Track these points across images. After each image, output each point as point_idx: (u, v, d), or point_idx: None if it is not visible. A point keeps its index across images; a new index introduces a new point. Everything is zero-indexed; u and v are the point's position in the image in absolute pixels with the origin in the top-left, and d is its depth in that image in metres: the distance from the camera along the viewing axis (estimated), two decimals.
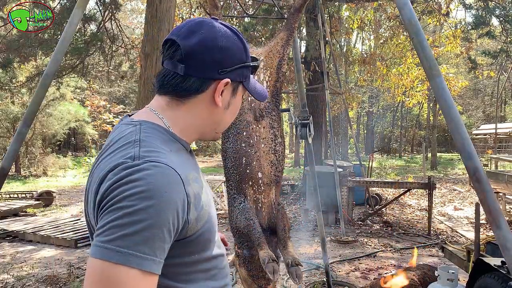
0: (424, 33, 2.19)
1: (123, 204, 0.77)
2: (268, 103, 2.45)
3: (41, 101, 3.04)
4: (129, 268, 0.76)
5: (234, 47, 0.99)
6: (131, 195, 0.77)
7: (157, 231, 0.78)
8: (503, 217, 1.94)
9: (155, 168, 0.82)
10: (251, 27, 9.60)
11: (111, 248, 0.75)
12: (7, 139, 16.71)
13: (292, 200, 10.52)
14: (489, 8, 9.85)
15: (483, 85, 28.77)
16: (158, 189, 0.79)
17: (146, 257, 0.77)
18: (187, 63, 0.95)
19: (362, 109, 29.06)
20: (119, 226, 0.76)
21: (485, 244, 3.66)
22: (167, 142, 0.93)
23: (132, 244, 0.76)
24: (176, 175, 0.84)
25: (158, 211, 0.78)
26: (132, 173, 0.80)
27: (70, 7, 7.75)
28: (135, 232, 0.76)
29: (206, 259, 0.98)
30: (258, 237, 2.13)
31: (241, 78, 1.03)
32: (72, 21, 2.97)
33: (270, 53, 2.53)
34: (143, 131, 0.92)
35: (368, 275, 4.91)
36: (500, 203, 7.61)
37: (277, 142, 2.41)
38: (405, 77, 11.86)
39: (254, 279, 2.32)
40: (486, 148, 20.53)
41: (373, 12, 11.40)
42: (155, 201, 0.78)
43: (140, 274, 0.77)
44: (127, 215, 0.76)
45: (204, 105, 1.00)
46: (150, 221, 0.77)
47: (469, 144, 2.00)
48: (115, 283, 0.76)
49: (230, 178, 2.32)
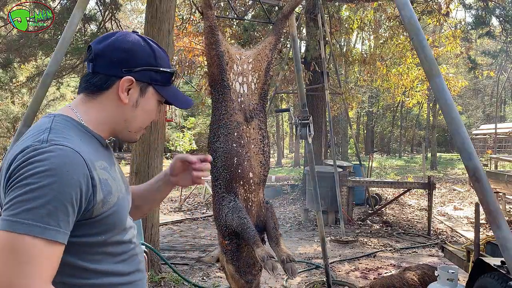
0: (424, 33, 2.19)
1: (28, 181, 0.87)
2: (256, 104, 2.50)
3: (41, 101, 3.04)
4: (33, 237, 0.85)
5: (139, 50, 1.11)
6: (35, 173, 0.87)
7: (60, 205, 0.88)
8: (503, 217, 1.94)
9: (59, 150, 0.92)
10: (251, 27, 9.60)
11: (16, 220, 0.85)
12: (7, 139, 16.72)
13: (292, 200, 10.52)
14: (489, 8, 9.85)
15: (483, 85, 28.78)
16: (60, 168, 0.89)
17: (49, 227, 0.87)
18: (95, 62, 1.08)
19: (362, 109, 29.03)
20: (24, 200, 0.86)
21: (485, 244, 3.66)
22: (77, 133, 1.04)
23: (36, 216, 0.85)
24: (80, 158, 0.94)
25: (61, 187, 0.88)
26: (38, 154, 0.90)
27: (70, 7, 7.75)
28: (38, 205, 0.86)
29: (115, 242, 1.07)
30: (254, 235, 2.16)
31: (148, 80, 1.12)
32: (72, 21, 2.97)
33: (258, 56, 2.59)
34: (55, 121, 1.03)
35: (368, 275, 4.91)
36: (500, 203, 7.62)
37: (265, 143, 2.47)
38: (405, 77, 11.85)
39: (242, 275, 2.37)
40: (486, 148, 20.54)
41: (373, 12, 11.40)
42: (57, 178, 0.88)
43: (44, 243, 0.86)
44: (31, 191, 0.86)
45: (112, 102, 1.10)
46: (52, 196, 0.87)
47: (469, 144, 2.00)
48: (20, 251, 0.85)
49: (219, 177, 2.34)
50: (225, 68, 2.40)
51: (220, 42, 2.41)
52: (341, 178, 7.45)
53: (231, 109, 2.37)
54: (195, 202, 10.84)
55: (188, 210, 9.81)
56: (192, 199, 11.22)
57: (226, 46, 2.48)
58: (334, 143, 9.80)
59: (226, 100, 2.38)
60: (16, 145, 0.98)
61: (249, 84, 2.50)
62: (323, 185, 7.48)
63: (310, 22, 9.75)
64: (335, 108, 13.46)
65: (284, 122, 30.34)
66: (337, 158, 10.77)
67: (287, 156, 31.53)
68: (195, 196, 11.60)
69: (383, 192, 11.25)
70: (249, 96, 2.49)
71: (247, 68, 2.52)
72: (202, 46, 10.69)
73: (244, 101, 2.45)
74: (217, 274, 4.86)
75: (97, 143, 1.09)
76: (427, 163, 20.10)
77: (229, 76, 2.42)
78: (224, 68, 2.39)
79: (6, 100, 16.24)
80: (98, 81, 1.08)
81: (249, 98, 2.48)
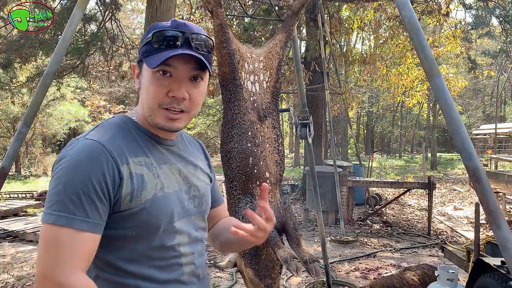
0: (424, 33, 2.19)
1: (56, 176, 0.95)
2: (269, 103, 2.45)
3: (41, 101, 3.04)
4: (60, 227, 0.91)
5: (143, 35, 1.10)
6: (61, 169, 0.94)
7: (84, 196, 0.92)
8: (503, 217, 1.94)
9: (83, 144, 0.98)
10: (251, 27, 9.60)
11: (48, 212, 0.92)
12: (7, 139, 16.72)
13: (292, 200, 10.52)
14: (489, 8, 9.85)
15: (483, 85, 28.77)
16: (81, 161, 0.95)
17: (75, 217, 0.92)
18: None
19: (362, 109, 29.03)
20: (53, 194, 0.93)
21: (485, 244, 3.66)
22: (124, 131, 1.06)
23: (62, 207, 0.91)
24: (103, 150, 0.97)
25: (83, 180, 0.93)
26: (66, 150, 0.99)
27: (70, 7, 7.75)
28: (64, 197, 0.92)
29: (152, 247, 1.02)
30: (274, 237, 2.11)
31: (141, 56, 1.07)
32: (72, 21, 2.97)
33: (269, 54, 2.54)
34: (109, 121, 1.09)
35: (368, 275, 4.91)
36: (500, 203, 7.62)
37: (279, 142, 2.43)
38: (405, 77, 11.85)
39: (261, 279, 2.31)
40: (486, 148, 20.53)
41: (373, 12, 11.39)
42: (79, 171, 0.93)
43: (72, 232, 0.91)
44: (56, 186, 0.93)
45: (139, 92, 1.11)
46: (75, 189, 0.92)
47: (469, 144, 2.00)
48: (48, 241, 0.91)
49: (235, 178, 2.27)
50: (237, 66, 2.34)
51: (231, 40, 2.35)
52: (341, 178, 7.45)
53: (244, 108, 2.31)
54: None
55: None
56: None
57: (237, 45, 2.42)
58: (334, 143, 9.79)
59: (239, 99, 2.32)
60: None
61: (261, 83, 2.45)
62: (323, 185, 7.48)
63: (310, 22, 9.75)
64: (335, 108, 13.46)
65: (284, 122, 30.32)
66: (337, 158, 10.77)
67: (287, 156, 31.48)
68: None
69: (383, 192, 11.25)
70: (262, 94, 2.44)
71: (258, 66, 2.47)
72: None
73: (256, 100, 2.40)
74: (217, 274, 4.86)
75: (149, 141, 1.09)
76: (427, 163, 20.09)
77: (241, 74, 2.36)
78: (236, 67, 2.33)
79: (6, 100, 16.23)
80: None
81: (262, 96, 2.43)
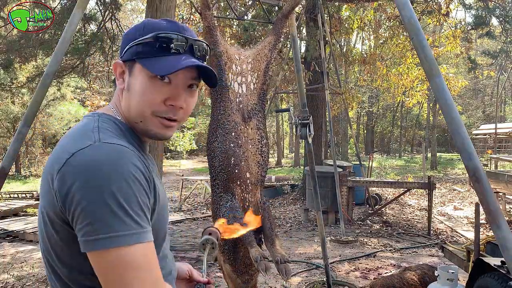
0: (424, 33, 2.19)
1: (100, 190, 0.79)
2: (255, 104, 2.50)
3: (41, 101, 3.05)
4: (136, 244, 0.80)
5: (132, 30, 0.99)
6: (104, 183, 0.79)
7: (136, 209, 0.82)
8: (503, 217, 1.94)
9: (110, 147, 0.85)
10: (251, 27, 9.60)
11: (115, 235, 0.78)
12: (7, 139, 16.72)
13: (292, 200, 10.52)
14: (489, 8, 9.85)
15: (483, 85, 28.78)
16: (122, 168, 0.82)
17: (139, 226, 0.81)
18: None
19: (362, 109, 29.03)
20: (107, 213, 0.78)
21: (485, 244, 3.66)
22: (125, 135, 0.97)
23: (126, 225, 0.79)
24: (135, 154, 0.87)
25: (138, 189, 0.83)
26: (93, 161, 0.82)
27: (70, 7, 7.75)
28: (123, 213, 0.79)
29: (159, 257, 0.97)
30: (248, 236, 2.17)
31: (133, 56, 0.96)
32: (72, 21, 2.97)
33: (258, 56, 2.61)
34: (103, 118, 0.96)
35: (368, 275, 4.91)
36: (500, 203, 7.62)
37: (263, 143, 2.47)
38: (405, 77, 11.85)
39: (239, 275, 2.39)
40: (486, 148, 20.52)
41: (373, 12, 11.39)
42: (123, 179, 0.81)
43: (143, 247, 0.82)
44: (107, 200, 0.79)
45: (119, 92, 1.02)
46: (134, 199, 0.82)
47: (469, 144, 2.00)
48: (133, 261, 0.80)
49: (217, 177, 2.36)
50: (223, 68, 2.42)
51: (219, 42, 2.43)
52: (341, 178, 7.45)
53: (229, 109, 2.38)
54: (195, 202, 10.84)
55: (188, 210, 9.81)
56: (192, 199, 11.22)
57: (225, 46, 2.49)
58: (334, 143, 9.79)
59: (224, 100, 2.40)
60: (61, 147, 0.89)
61: (248, 84, 2.51)
62: (323, 185, 7.49)
63: (310, 22, 9.75)
64: (335, 108, 13.44)
65: (284, 122, 30.33)
66: (337, 158, 10.77)
67: (287, 156, 31.52)
68: (195, 196, 11.60)
69: (383, 192, 11.25)
70: (248, 96, 2.49)
71: (246, 68, 2.52)
72: None
73: (242, 101, 2.45)
74: (217, 274, 4.86)
75: (141, 146, 1.02)
76: (427, 163, 20.08)
77: (227, 76, 2.44)
78: (222, 68, 2.42)
79: (6, 100, 16.24)
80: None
81: (248, 98, 2.48)
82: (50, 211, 0.86)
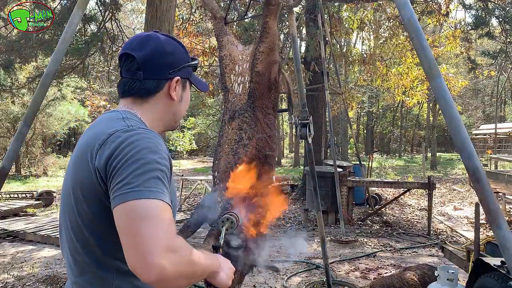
0: (424, 33, 2.19)
1: (138, 157, 1.00)
2: (244, 104, 2.40)
3: (41, 101, 3.05)
4: (157, 200, 0.97)
5: (178, 51, 1.26)
6: (141, 150, 1.01)
7: (165, 176, 1.03)
8: (503, 217, 1.94)
9: (150, 133, 1.08)
10: (251, 27, 9.60)
11: (144, 189, 0.96)
12: (7, 139, 16.71)
13: (292, 200, 10.52)
14: (488, 9, 9.85)
15: (483, 85, 28.76)
16: (157, 147, 1.04)
17: (165, 192, 1.00)
18: (144, 69, 1.19)
19: (362, 109, 29.02)
20: (143, 173, 0.98)
21: (485, 244, 3.66)
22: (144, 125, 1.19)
23: (155, 184, 0.98)
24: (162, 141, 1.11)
25: (162, 161, 1.03)
26: (134, 135, 1.04)
27: (70, 7, 7.75)
28: (155, 175, 0.99)
29: None
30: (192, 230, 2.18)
31: (187, 75, 1.28)
32: (72, 21, 2.97)
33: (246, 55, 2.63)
34: (126, 113, 1.17)
35: (368, 275, 4.91)
36: (500, 203, 7.62)
37: (240, 144, 2.27)
38: (405, 77, 11.85)
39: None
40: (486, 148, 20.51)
41: (373, 12, 11.39)
42: (159, 154, 1.03)
43: (164, 204, 0.98)
44: (143, 165, 0.99)
45: (163, 101, 1.24)
46: (159, 168, 1.01)
47: (469, 144, 2.00)
48: (151, 212, 0.95)
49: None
50: (224, 71, 2.54)
51: (223, 47, 2.60)
52: (341, 178, 7.45)
53: (226, 109, 2.47)
54: (195, 202, 10.84)
55: (188, 210, 9.80)
56: (192, 199, 11.22)
57: (229, 50, 2.60)
58: (334, 143, 9.78)
59: (225, 101, 2.50)
60: (94, 132, 1.11)
61: (244, 84, 2.49)
62: (323, 185, 7.49)
63: (310, 22, 9.75)
64: (335, 108, 13.47)
65: (284, 122, 30.32)
66: (337, 158, 10.76)
67: (287, 156, 31.50)
68: (195, 196, 11.60)
69: (383, 192, 11.25)
70: (241, 95, 2.45)
71: (246, 67, 2.51)
72: (202, 46, 10.69)
73: (235, 101, 2.45)
74: None
75: None
76: (427, 163, 20.09)
77: (228, 78, 2.53)
78: (223, 72, 2.54)
79: (6, 100, 16.23)
80: (149, 86, 1.20)
81: (240, 98, 2.45)
82: (85, 189, 1.06)
